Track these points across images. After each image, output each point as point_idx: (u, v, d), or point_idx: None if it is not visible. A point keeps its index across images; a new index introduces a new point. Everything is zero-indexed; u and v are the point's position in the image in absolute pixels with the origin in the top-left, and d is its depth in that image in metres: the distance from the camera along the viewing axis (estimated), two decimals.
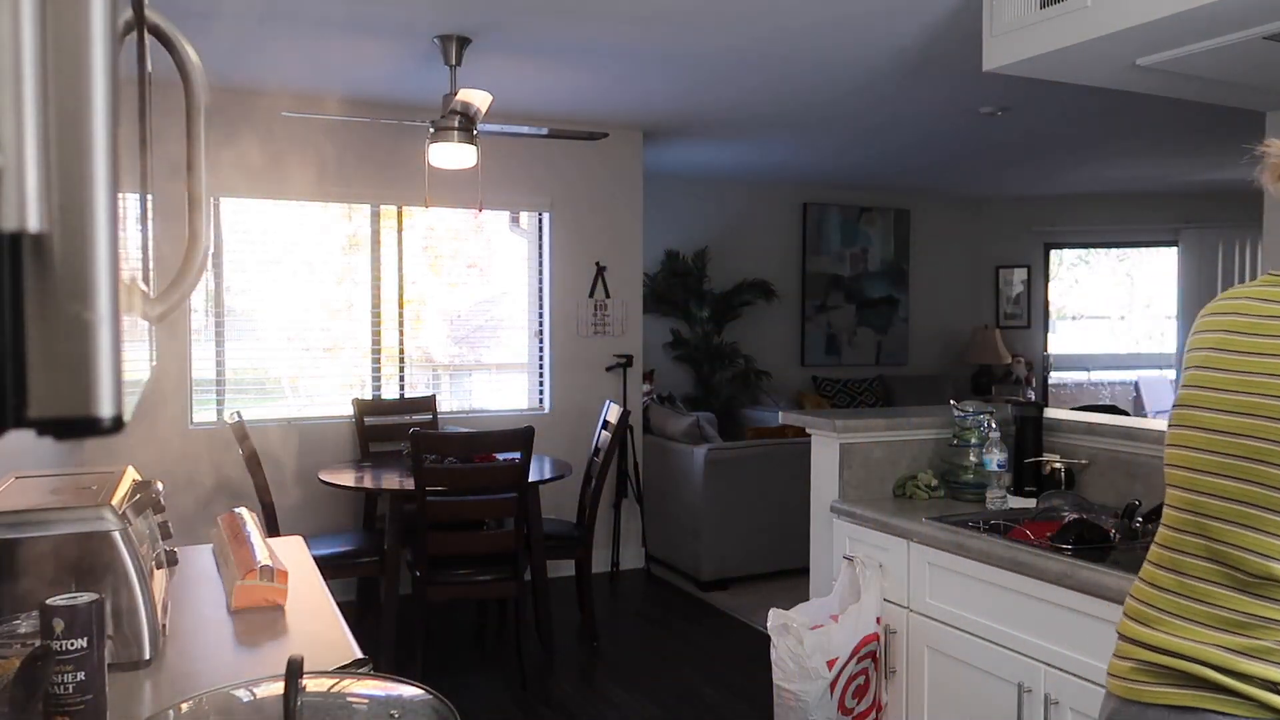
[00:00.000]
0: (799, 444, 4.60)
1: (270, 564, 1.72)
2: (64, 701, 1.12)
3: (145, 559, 1.46)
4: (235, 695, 1.15)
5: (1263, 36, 2.42)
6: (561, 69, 4.22)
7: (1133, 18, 2.45)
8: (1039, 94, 4.36)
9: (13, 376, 0.32)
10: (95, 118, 0.33)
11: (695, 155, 6.40)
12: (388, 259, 5.14)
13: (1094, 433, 2.79)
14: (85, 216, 0.33)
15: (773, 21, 3.52)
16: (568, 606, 4.67)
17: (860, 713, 2.64)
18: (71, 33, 0.32)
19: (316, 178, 4.79)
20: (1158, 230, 8.30)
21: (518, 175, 5.28)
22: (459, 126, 3.76)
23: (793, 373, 7.74)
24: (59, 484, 1.60)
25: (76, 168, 0.32)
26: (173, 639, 1.54)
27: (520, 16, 3.50)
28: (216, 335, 4.82)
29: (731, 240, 7.47)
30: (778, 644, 2.62)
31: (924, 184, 7.70)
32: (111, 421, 0.34)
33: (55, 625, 1.12)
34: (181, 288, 0.64)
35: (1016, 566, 2.23)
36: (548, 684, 3.94)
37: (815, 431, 2.99)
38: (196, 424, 4.73)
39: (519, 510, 3.75)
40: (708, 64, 4.11)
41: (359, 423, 4.80)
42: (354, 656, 1.43)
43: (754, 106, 4.92)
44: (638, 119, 5.28)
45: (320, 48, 3.88)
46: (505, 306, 5.60)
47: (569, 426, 5.44)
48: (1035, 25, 2.71)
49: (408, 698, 1.14)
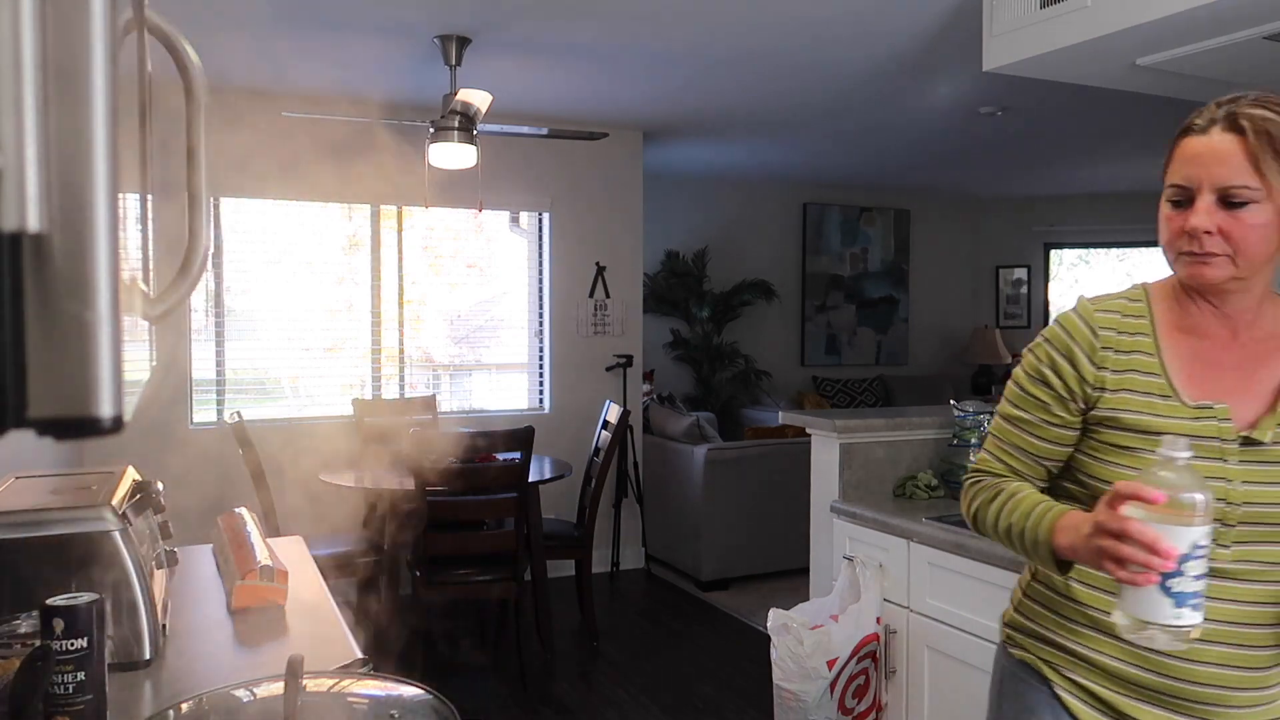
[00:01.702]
0: (799, 444, 4.60)
1: (270, 564, 1.72)
2: (64, 701, 1.12)
3: (145, 559, 1.46)
4: (235, 695, 1.15)
5: (1263, 36, 2.42)
6: (561, 69, 4.22)
7: (1133, 18, 2.45)
8: (1039, 94, 4.36)
9: (13, 376, 0.32)
10: (95, 118, 0.33)
11: (695, 155, 6.40)
12: (388, 259, 5.14)
13: None
14: (85, 216, 0.33)
15: (773, 21, 3.52)
16: (568, 606, 4.67)
17: (860, 713, 2.64)
18: (71, 33, 0.32)
19: (316, 178, 4.79)
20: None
21: (518, 175, 5.28)
22: (459, 126, 3.76)
23: (793, 373, 7.74)
24: (59, 484, 1.60)
25: (76, 168, 0.32)
26: (173, 639, 1.54)
27: (520, 16, 3.50)
28: (216, 335, 4.82)
29: (731, 240, 7.47)
30: (778, 644, 2.62)
31: (924, 184, 7.70)
32: (111, 421, 0.34)
33: (55, 625, 1.12)
34: (181, 288, 0.64)
35: (1017, 566, 2.23)
36: (548, 684, 3.94)
37: (815, 431, 2.99)
38: (196, 424, 4.73)
39: (519, 510, 3.75)
40: (708, 64, 4.10)
41: (359, 423, 4.80)
42: (354, 656, 1.43)
43: (754, 106, 4.92)
44: (637, 119, 5.28)
45: (321, 48, 3.88)
46: (505, 306, 5.60)
47: (569, 426, 5.44)
48: (1035, 25, 2.71)
49: (408, 698, 1.14)
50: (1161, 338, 1.37)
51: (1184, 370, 1.34)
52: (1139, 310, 1.39)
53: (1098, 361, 1.36)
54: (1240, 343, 1.34)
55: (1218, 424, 1.30)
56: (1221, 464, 1.28)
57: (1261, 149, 1.23)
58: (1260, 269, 1.28)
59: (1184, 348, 1.35)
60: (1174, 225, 1.29)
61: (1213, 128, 1.26)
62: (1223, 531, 1.25)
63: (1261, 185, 1.23)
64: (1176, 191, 1.29)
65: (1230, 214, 1.24)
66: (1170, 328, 1.37)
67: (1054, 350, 1.40)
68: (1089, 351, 1.37)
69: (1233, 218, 1.24)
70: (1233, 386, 1.32)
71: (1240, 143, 1.23)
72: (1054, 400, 1.39)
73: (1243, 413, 1.30)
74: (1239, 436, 1.29)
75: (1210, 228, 1.25)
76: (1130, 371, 1.35)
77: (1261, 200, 1.23)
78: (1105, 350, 1.36)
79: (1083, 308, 1.41)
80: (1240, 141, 1.23)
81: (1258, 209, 1.24)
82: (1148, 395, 1.34)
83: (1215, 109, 1.28)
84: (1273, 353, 1.33)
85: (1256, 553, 1.29)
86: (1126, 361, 1.36)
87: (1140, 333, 1.37)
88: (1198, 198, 1.26)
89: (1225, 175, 1.24)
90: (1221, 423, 1.30)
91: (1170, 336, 1.37)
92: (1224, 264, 1.26)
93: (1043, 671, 1.43)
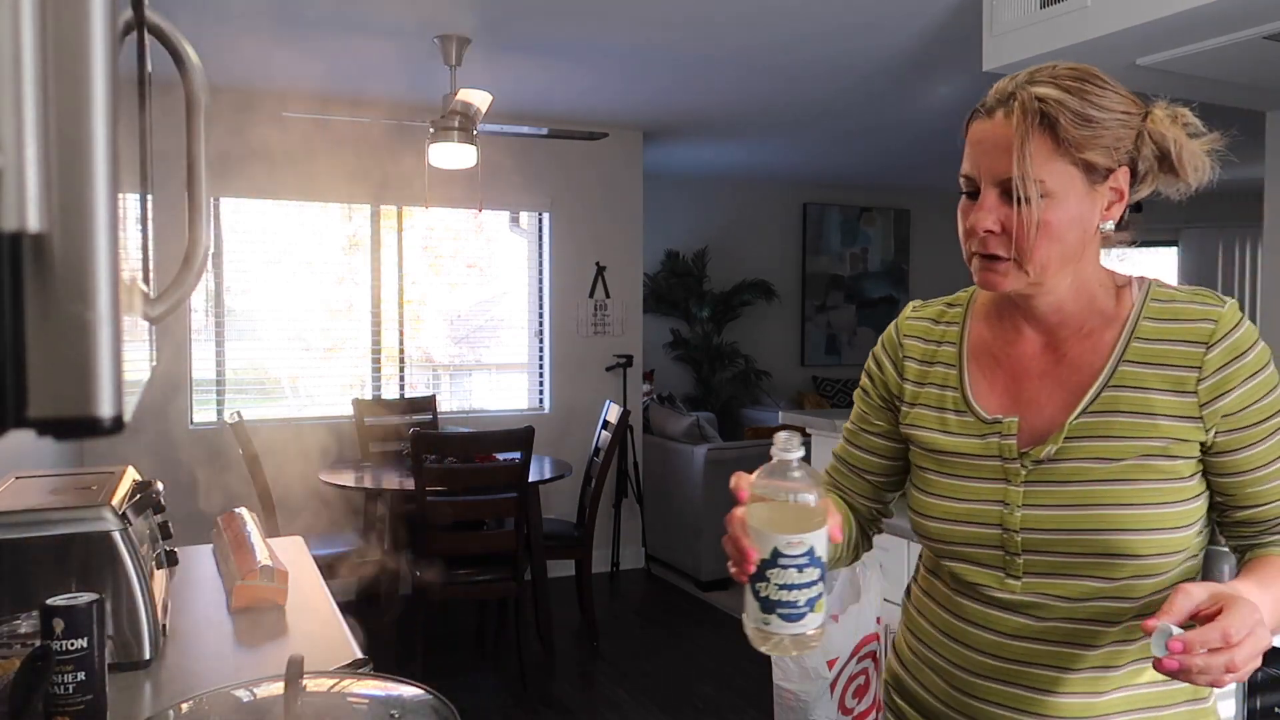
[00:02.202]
0: None
1: (270, 564, 1.72)
2: (64, 701, 1.12)
3: (145, 559, 1.46)
4: (235, 695, 1.15)
5: (1263, 36, 2.42)
6: (561, 69, 4.22)
7: (1133, 18, 2.45)
8: None
9: (13, 376, 0.32)
10: (95, 118, 0.33)
11: (695, 155, 6.40)
12: (388, 259, 5.14)
13: None
14: (85, 216, 0.33)
15: (773, 21, 3.52)
16: (568, 606, 4.67)
17: (860, 713, 2.64)
18: (71, 33, 0.32)
19: (316, 178, 4.79)
20: (1158, 230, 8.29)
21: (518, 175, 5.28)
22: (459, 126, 3.76)
23: (793, 373, 7.74)
24: (59, 484, 1.60)
25: (76, 168, 0.32)
26: (173, 639, 1.54)
27: (520, 16, 3.50)
28: (216, 335, 4.82)
29: (731, 240, 7.47)
30: None
31: (924, 184, 7.70)
32: (111, 421, 0.34)
33: (55, 625, 1.12)
34: (181, 288, 0.64)
35: None
36: (548, 684, 3.94)
37: (815, 432, 2.99)
38: (196, 424, 4.73)
39: (519, 510, 3.75)
40: (708, 64, 4.10)
41: (359, 423, 4.80)
42: (354, 656, 1.43)
43: (754, 106, 4.92)
44: (638, 119, 5.28)
45: (320, 48, 3.88)
46: (505, 306, 5.60)
47: (569, 426, 5.44)
48: (1035, 25, 2.71)
49: (408, 698, 1.14)
50: (969, 346, 1.22)
51: (986, 380, 1.19)
52: (954, 316, 1.26)
53: (902, 371, 1.26)
54: (1053, 346, 1.16)
55: (1000, 440, 1.14)
56: (1004, 486, 1.13)
57: (1029, 133, 1.04)
58: (1059, 271, 1.08)
59: (990, 356, 1.20)
60: (963, 221, 1.11)
61: (998, 109, 1.08)
62: (1009, 560, 1.12)
63: (1046, 177, 1.04)
64: (965, 183, 1.12)
65: (1014, 210, 1.05)
66: (980, 335, 1.22)
67: (872, 357, 1.31)
68: (895, 360, 1.27)
69: (1015, 215, 1.05)
70: (1035, 397, 1.15)
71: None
72: (871, 409, 1.30)
73: (1040, 426, 1.13)
74: (1019, 454, 1.12)
75: (991, 225, 1.07)
76: (928, 384, 1.23)
77: (1051, 194, 1.04)
78: (908, 360, 1.25)
79: (903, 313, 1.30)
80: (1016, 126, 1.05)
81: (1047, 203, 1.04)
82: (941, 410, 1.20)
83: (1006, 84, 1.10)
84: (1089, 354, 1.13)
85: (1046, 586, 1.11)
86: (926, 373, 1.23)
87: (947, 341, 1.24)
88: (981, 191, 1.08)
89: (1004, 166, 1.05)
90: (1004, 439, 1.14)
91: (978, 344, 1.22)
92: (1011, 271, 1.08)
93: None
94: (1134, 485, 1.07)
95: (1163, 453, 1.07)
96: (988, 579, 1.15)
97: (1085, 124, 1.04)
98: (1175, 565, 1.09)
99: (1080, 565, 1.09)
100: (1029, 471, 1.11)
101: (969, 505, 1.15)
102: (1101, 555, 1.07)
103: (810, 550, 0.94)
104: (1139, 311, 1.12)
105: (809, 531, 0.94)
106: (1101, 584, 1.08)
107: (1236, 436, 1.07)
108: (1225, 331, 1.07)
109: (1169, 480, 1.07)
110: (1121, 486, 1.07)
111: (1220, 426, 1.07)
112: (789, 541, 0.94)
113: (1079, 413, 1.10)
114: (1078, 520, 1.08)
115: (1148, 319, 1.12)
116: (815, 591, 0.95)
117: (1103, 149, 1.05)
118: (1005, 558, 1.12)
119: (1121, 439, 1.08)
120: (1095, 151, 1.05)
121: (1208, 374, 1.06)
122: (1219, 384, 1.06)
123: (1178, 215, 8.13)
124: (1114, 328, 1.13)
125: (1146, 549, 1.06)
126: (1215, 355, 1.06)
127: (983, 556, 1.15)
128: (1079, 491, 1.09)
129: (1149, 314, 1.12)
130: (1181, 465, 1.08)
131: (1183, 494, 1.08)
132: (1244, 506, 1.11)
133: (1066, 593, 1.10)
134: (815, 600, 0.95)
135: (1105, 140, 1.05)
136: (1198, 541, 1.11)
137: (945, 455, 1.19)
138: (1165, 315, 1.11)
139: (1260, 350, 1.08)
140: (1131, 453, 1.07)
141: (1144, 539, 1.06)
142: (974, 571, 1.16)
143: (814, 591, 0.95)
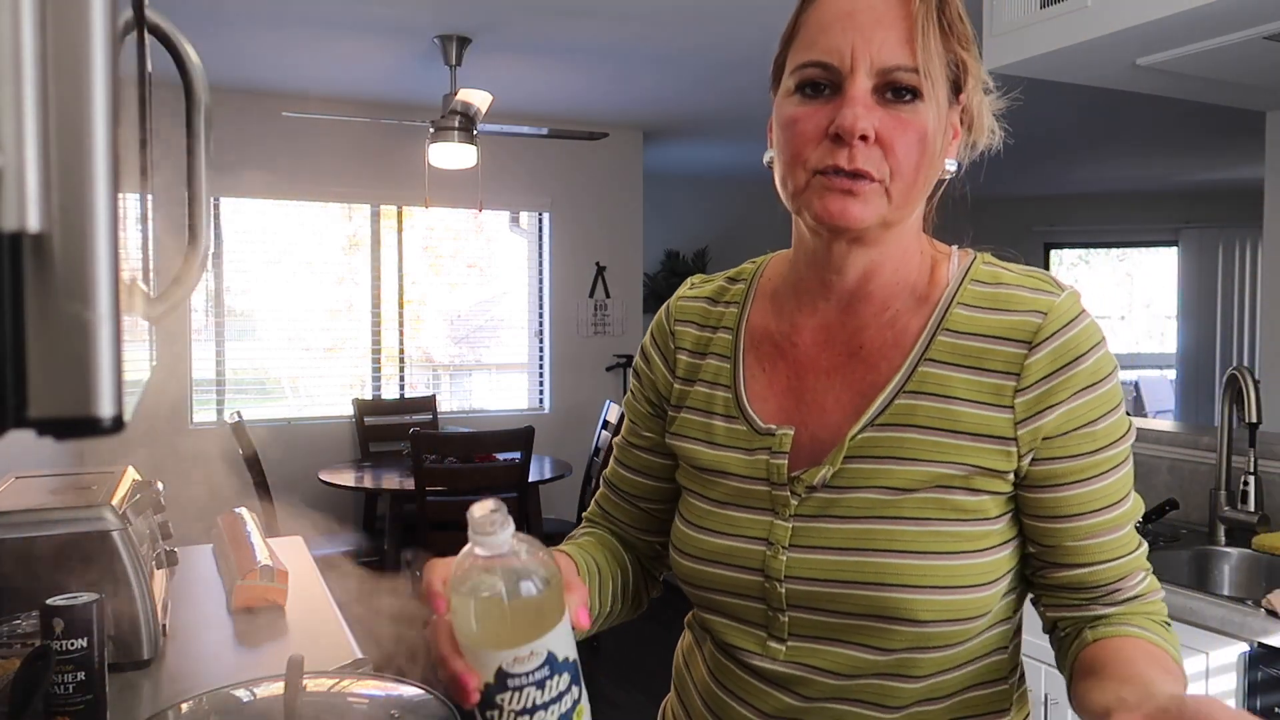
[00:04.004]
0: None
1: (270, 564, 1.72)
2: (64, 701, 1.12)
3: (145, 559, 1.46)
4: (235, 695, 1.15)
5: (1263, 36, 2.42)
6: (561, 69, 4.22)
7: (1133, 18, 2.45)
8: (1039, 94, 4.35)
9: (13, 376, 0.32)
10: (95, 118, 0.33)
11: (695, 155, 6.40)
12: (388, 259, 5.14)
13: None
14: (85, 216, 0.33)
15: (773, 20, 3.52)
16: None
17: None
18: (71, 33, 0.32)
19: (316, 178, 4.79)
20: (1158, 230, 8.30)
21: (518, 175, 5.28)
22: (459, 126, 3.76)
23: None
24: (59, 484, 1.60)
25: (76, 168, 0.32)
26: (173, 639, 1.54)
27: (520, 16, 3.50)
28: (216, 335, 4.82)
29: (731, 240, 7.46)
30: None
31: None
32: (111, 421, 0.34)
33: (55, 625, 1.12)
34: (181, 288, 0.64)
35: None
36: None
37: None
38: (196, 424, 4.73)
39: (519, 510, 3.75)
40: (708, 64, 4.11)
41: (359, 423, 4.80)
42: (354, 656, 1.43)
43: (753, 106, 4.92)
44: (637, 119, 5.28)
45: (320, 48, 3.88)
46: (505, 306, 5.60)
47: (569, 426, 5.44)
48: (1035, 25, 2.71)
49: (408, 698, 1.14)
50: (747, 333, 0.93)
51: (765, 376, 0.90)
52: (735, 294, 0.96)
53: (674, 366, 0.96)
54: (848, 330, 0.87)
55: (769, 459, 0.86)
56: (770, 519, 0.85)
57: (929, 15, 0.80)
58: (915, 207, 0.84)
59: (771, 345, 0.91)
60: (808, 126, 0.80)
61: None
62: (771, 617, 0.85)
63: (927, 72, 0.78)
64: (816, 72, 0.81)
65: (891, 112, 0.78)
66: (762, 317, 0.93)
67: (640, 351, 1.02)
68: (665, 353, 0.97)
69: (894, 118, 0.78)
70: (819, 400, 0.87)
71: (906, 5, 0.79)
72: (639, 417, 1.00)
73: (823, 439, 0.85)
74: (788, 478, 0.85)
75: (868, 130, 0.77)
76: (697, 382, 0.93)
77: (927, 98, 0.79)
78: (680, 352, 0.96)
79: (677, 292, 1.01)
80: (906, 4, 0.79)
81: (923, 108, 0.79)
82: (709, 415, 0.91)
83: None
84: (888, 347, 0.85)
85: (810, 655, 0.84)
86: (697, 368, 0.94)
87: (723, 326, 0.94)
88: (848, 81, 0.78)
89: (892, 51, 0.78)
90: (774, 457, 0.85)
91: (759, 330, 0.92)
92: (877, 196, 0.79)
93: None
94: (920, 526, 0.80)
95: (963, 484, 0.80)
96: (748, 641, 0.87)
97: (965, 19, 0.85)
98: (970, 635, 0.82)
99: (847, 629, 0.82)
100: (799, 502, 0.84)
101: (729, 542, 0.86)
102: (871, 618, 0.80)
103: (549, 656, 0.68)
104: (953, 294, 0.85)
105: (541, 635, 0.68)
106: (873, 655, 0.82)
107: (1057, 468, 0.80)
108: (1056, 329, 0.80)
109: (968, 521, 0.80)
110: (904, 526, 0.80)
111: (1039, 452, 0.80)
112: (515, 657, 0.68)
113: (862, 425, 0.83)
114: (845, 569, 0.81)
115: (963, 305, 0.84)
116: (568, 704, 0.70)
117: (962, 60, 0.83)
118: (768, 614, 0.85)
119: (913, 462, 0.81)
120: (967, 56, 0.84)
121: (1028, 382, 0.79)
122: (1041, 397, 0.79)
123: (1178, 215, 8.14)
124: (922, 313, 0.85)
125: (927, 612, 0.79)
126: (1040, 358, 0.79)
127: (742, 610, 0.87)
128: (851, 531, 0.81)
129: (966, 299, 0.84)
130: (988, 502, 0.81)
131: (984, 540, 0.81)
132: (1065, 565, 0.83)
133: (833, 665, 0.83)
134: (571, 713, 0.70)
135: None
136: (1004, 604, 0.85)
137: (709, 474, 0.90)
138: (986, 302, 0.84)
139: (1101, 358, 0.80)
140: (924, 482, 0.80)
141: (924, 599, 0.79)
142: (732, 630, 0.88)
143: (566, 705, 0.70)
